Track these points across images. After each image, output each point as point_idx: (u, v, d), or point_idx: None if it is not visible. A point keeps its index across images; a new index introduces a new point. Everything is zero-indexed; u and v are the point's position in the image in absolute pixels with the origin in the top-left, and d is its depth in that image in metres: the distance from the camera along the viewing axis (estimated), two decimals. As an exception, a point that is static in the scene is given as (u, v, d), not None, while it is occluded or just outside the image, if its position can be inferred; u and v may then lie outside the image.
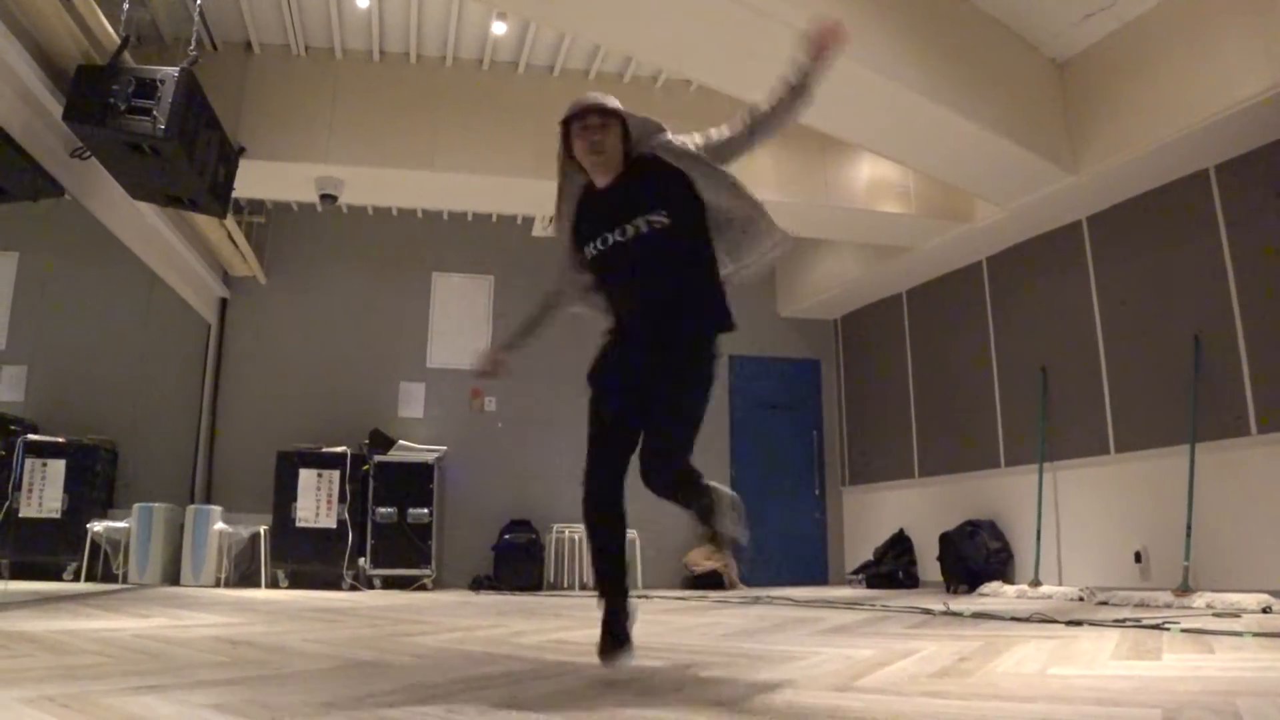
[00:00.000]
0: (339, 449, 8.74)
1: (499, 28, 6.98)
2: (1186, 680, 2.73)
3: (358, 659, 3.17)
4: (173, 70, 5.06)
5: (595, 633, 3.01)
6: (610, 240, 2.97)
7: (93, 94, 4.98)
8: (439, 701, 2.30)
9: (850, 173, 8.11)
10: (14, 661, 2.89)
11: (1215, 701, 2.28)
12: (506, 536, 9.17)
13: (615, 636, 2.91)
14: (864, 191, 8.11)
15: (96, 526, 8.12)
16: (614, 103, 3.06)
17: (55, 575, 7.99)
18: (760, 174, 7.81)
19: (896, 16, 5.87)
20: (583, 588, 9.20)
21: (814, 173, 7.97)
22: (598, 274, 3.11)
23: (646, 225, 2.92)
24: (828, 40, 2.89)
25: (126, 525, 8.21)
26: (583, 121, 3.00)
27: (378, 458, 8.90)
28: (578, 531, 9.33)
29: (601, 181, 3.06)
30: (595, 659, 2.97)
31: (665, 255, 2.95)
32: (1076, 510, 7.60)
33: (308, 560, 8.48)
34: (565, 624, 4.86)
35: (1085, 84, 6.85)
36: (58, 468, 8.27)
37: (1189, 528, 6.37)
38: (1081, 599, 6.67)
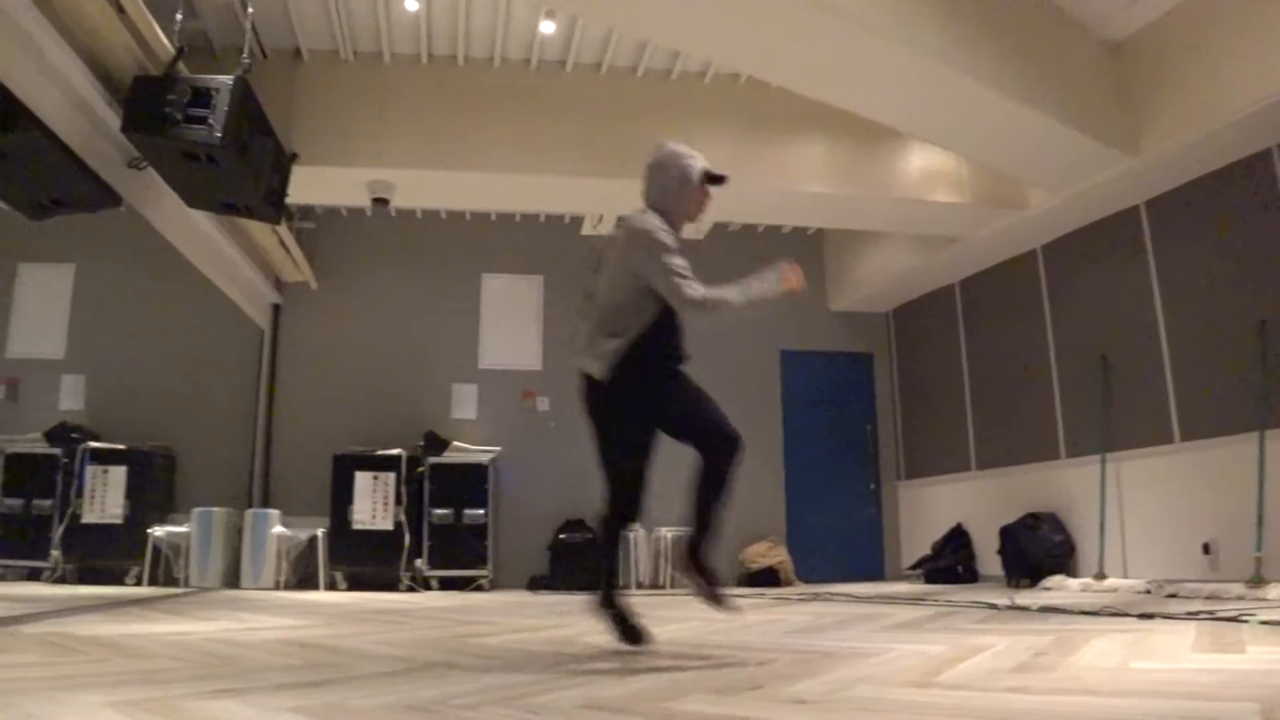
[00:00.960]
0: (394, 451, 8.81)
1: (547, 27, 6.98)
2: (1278, 674, 2.64)
3: (428, 661, 3.17)
4: (226, 79, 5.10)
5: (658, 631, 3.03)
6: None
7: (149, 104, 5.04)
8: (517, 703, 2.28)
9: (901, 163, 8.01)
10: (91, 665, 2.93)
11: (1317, 696, 2.21)
12: (562, 536, 9.18)
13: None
14: (916, 181, 8.00)
15: (157, 531, 8.27)
16: None
17: (118, 580, 8.15)
18: (811, 166, 7.75)
19: (946, 1, 5.77)
20: (639, 586, 9.19)
21: (865, 164, 7.88)
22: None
23: None
24: (793, 288, 3.32)
25: (186, 530, 8.35)
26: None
27: (432, 459, 8.95)
28: (633, 530, 9.32)
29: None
30: (667, 658, 2.98)
31: None
32: (1141, 501, 7.44)
33: (365, 562, 8.55)
34: (628, 623, 4.82)
35: (1140, 65, 6.69)
36: (119, 474, 8.44)
37: (1260, 517, 6.21)
38: (1149, 592, 6.53)
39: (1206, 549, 6.75)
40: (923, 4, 5.65)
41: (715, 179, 3.55)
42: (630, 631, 3.44)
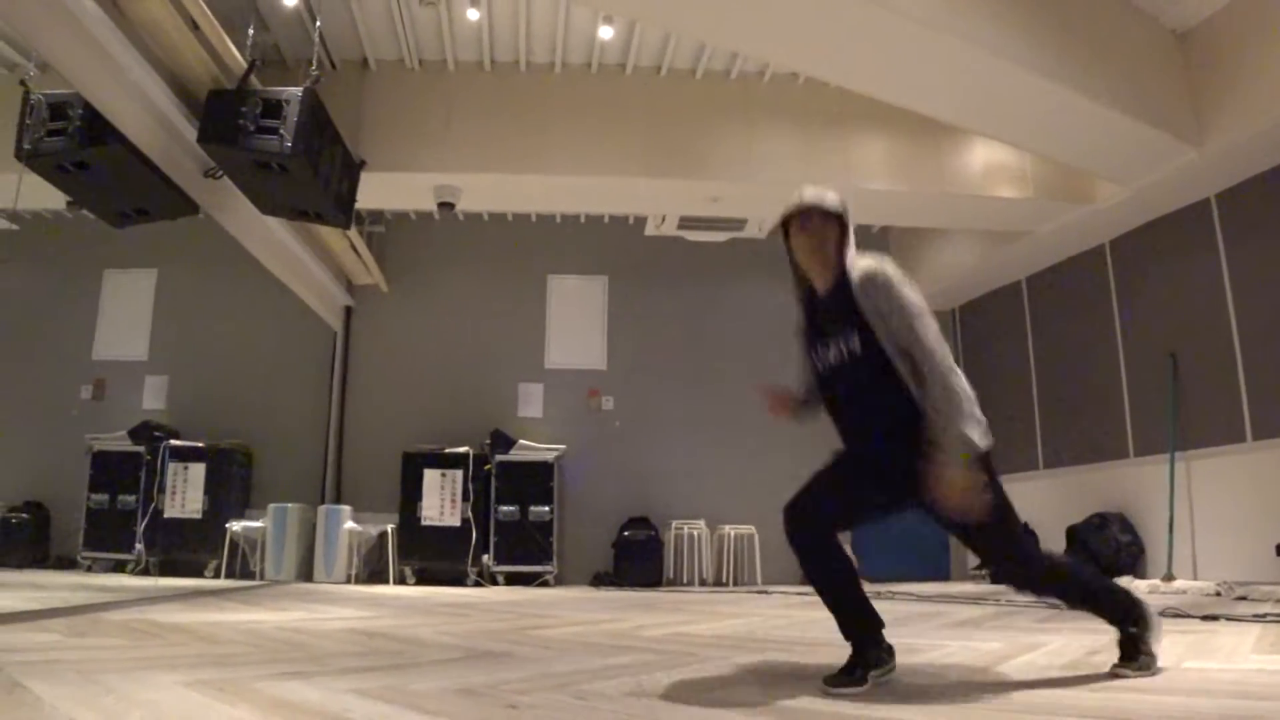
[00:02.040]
0: (461, 449, 9.00)
1: (605, 32, 7.08)
2: (1332, 675, 2.62)
3: (488, 650, 3.28)
4: (296, 90, 5.30)
5: (716, 626, 3.06)
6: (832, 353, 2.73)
7: (223, 116, 5.26)
8: (567, 689, 2.38)
9: (964, 158, 7.95)
10: (170, 649, 3.09)
11: (1367, 697, 2.20)
12: (626, 533, 9.28)
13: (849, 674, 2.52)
14: (979, 177, 7.93)
15: (235, 526, 8.55)
16: (833, 199, 2.80)
17: (197, 572, 8.46)
18: (873, 164, 7.74)
19: (1002, -6, 5.74)
20: (701, 583, 9.25)
21: (928, 161, 7.84)
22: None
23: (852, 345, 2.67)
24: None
25: (262, 525, 8.62)
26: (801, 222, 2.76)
27: (499, 457, 9.12)
28: (696, 528, 9.39)
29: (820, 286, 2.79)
30: (716, 651, 3.02)
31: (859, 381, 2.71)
32: (1211, 501, 7.28)
33: (433, 557, 8.76)
34: (687, 618, 4.91)
35: (1208, 54, 6.55)
36: (198, 471, 8.76)
37: (1337, 517, 6.06)
38: (1218, 594, 6.39)
39: (1279, 551, 6.59)
40: None
41: (785, 226, 2.81)
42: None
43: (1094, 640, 3.57)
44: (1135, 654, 2.66)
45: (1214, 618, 4.48)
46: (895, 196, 7.88)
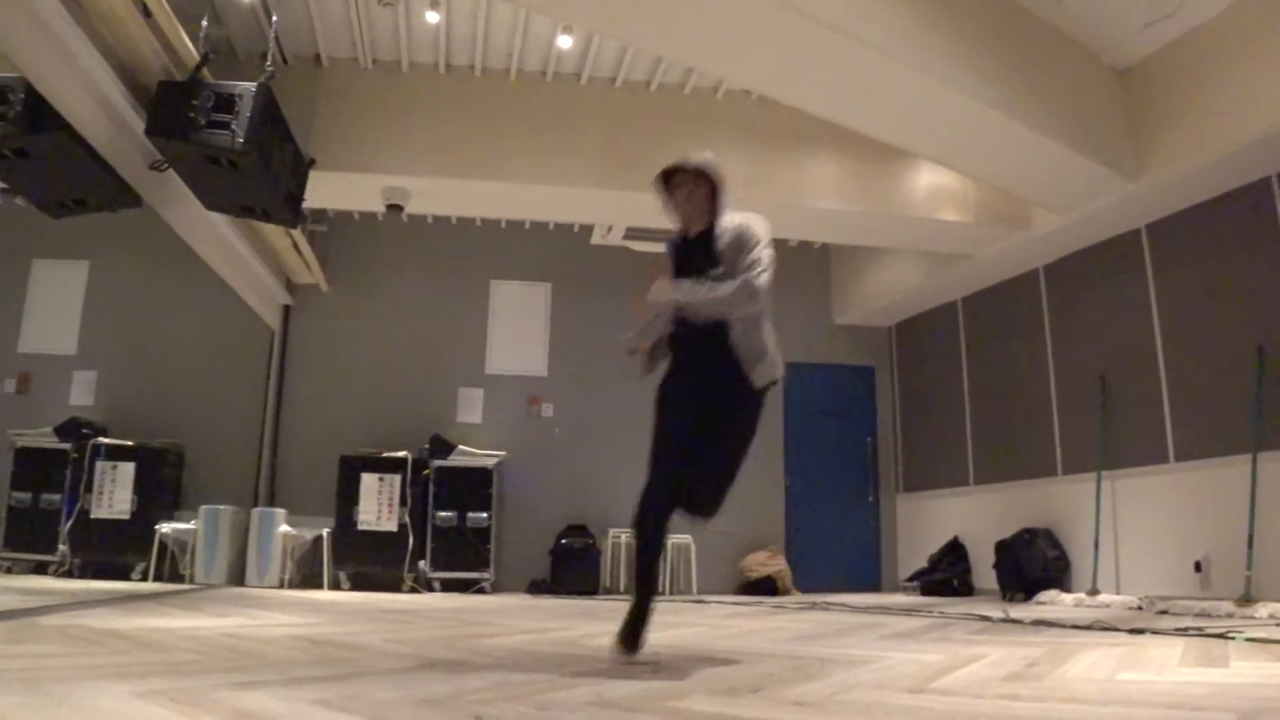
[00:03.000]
0: (400, 453, 8.91)
1: (564, 41, 7.09)
2: (1259, 687, 2.75)
3: (441, 659, 3.27)
4: (250, 85, 5.22)
5: (660, 635, 3.12)
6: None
7: (174, 109, 5.17)
8: (528, 699, 2.38)
9: (909, 181, 8.12)
10: (116, 657, 3.02)
11: (1292, 707, 2.31)
12: (563, 541, 9.28)
13: (636, 635, 3.32)
14: (923, 200, 8.11)
15: (164, 528, 8.36)
16: (704, 161, 3.51)
17: (124, 575, 8.24)
18: (822, 183, 7.86)
19: (958, 26, 5.89)
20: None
21: (873, 181, 7.99)
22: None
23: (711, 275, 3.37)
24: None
25: (193, 527, 8.43)
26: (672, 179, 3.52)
27: (438, 462, 9.05)
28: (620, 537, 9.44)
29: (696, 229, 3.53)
30: (667, 660, 3.13)
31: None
32: (1135, 519, 7.53)
33: (369, 563, 8.65)
34: (631, 627, 4.92)
35: (1147, 92, 6.80)
36: (127, 470, 8.53)
37: (1251, 537, 6.31)
38: (1140, 608, 6.62)
39: (1198, 567, 6.84)
40: (934, 29, 5.76)
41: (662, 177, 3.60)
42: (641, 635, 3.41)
43: (1030, 652, 3.67)
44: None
45: (1140, 631, 4.64)
46: (842, 216, 8.02)
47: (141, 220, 6.79)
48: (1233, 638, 4.24)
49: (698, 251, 3.43)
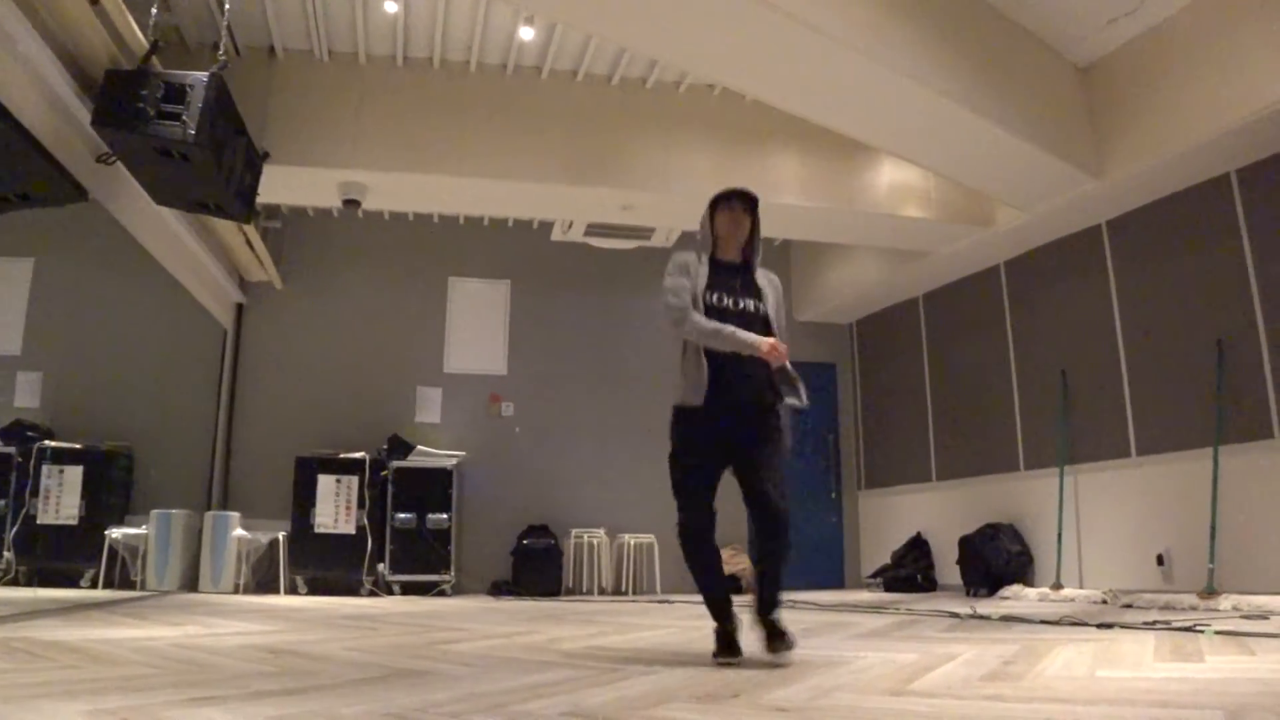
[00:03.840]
0: (357, 454, 8.73)
1: (526, 33, 6.96)
2: (1238, 682, 2.74)
3: (407, 668, 3.16)
4: (202, 75, 5.04)
5: (631, 638, 3.04)
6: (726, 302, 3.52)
7: (122, 99, 4.97)
8: (500, 710, 2.29)
9: (872, 177, 8.10)
10: (63, 673, 2.88)
11: (1275, 703, 2.30)
12: (525, 541, 9.16)
13: (733, 646, 3.47)
14: (885, 196, 8.09)
15: (114, 533, 8.11)
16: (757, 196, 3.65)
17: (73, 582, 7.97)
18: (785, 178, 7.82)
19: (922, 21, 5.87)
20: (601, 592, 9.20)
21: (836, 177, 7.96)
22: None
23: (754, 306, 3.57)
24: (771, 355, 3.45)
25: (144, 532, 8.20)
26: (730, 201, 3.60)
27: (396, 463, 8.89)
28: (596, 537, 9.33)
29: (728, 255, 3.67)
30: (640, 666, 3.12)
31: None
32: (1098, 513, 7.58)
33: (327, 566, 8.46)
34: (599, 630, 4.85)
35: (1109, 89, 6.84)
36: (75, 474, 8.26)
37: (1213, 530, 6.36)
38: (1105, 602, 6.67)
39: (1160, 560, 6.89)
40: (900, 24, 5.73)
41: (716, 201, 3.62)
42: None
43: (1004, 650, 3.65)
44: (784, 632, 3.39)
45: (1109, 626, 4.66)
46: (805, 211, 7.98)
47: (89, 216, 6.57)
48: (1201, 631, 4.27)
49: (737, 278, 3.59)
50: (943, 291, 9.70)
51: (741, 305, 3.51)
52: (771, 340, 3.45)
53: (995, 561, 8.02)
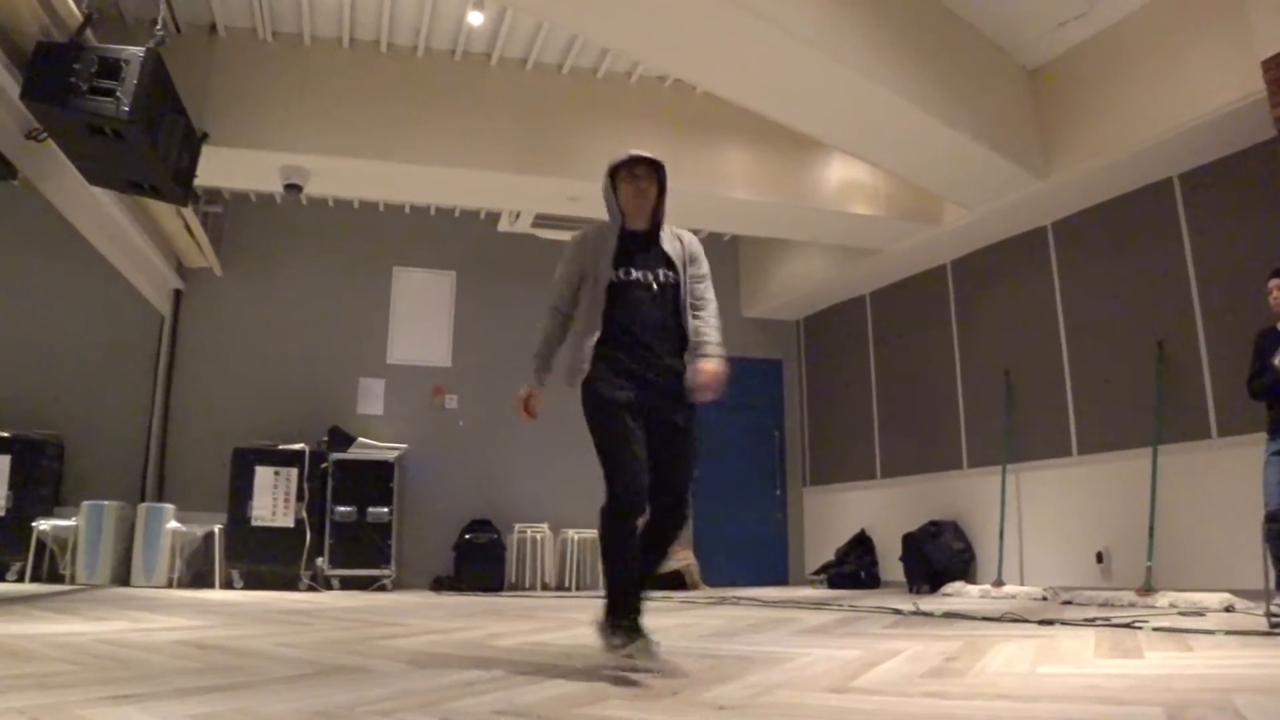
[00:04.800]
0: (297, 446, 8.54)
1: (475, 18, 6.83)
2: (1177, 678, 2.76)
3: (338, 664, 3.07)
4: (138, 50, 4.87)
5: (572, 634, 2.99)
6: (634, 275, 3.32)
7: (53, 72, 4.78)
8: (432, 709, 2.23)
9: (823, 174, 8.11)
10: (-25, 668, 2.76)
11: (1214, 699, 2.33)
12: (468, 536, 9.05)
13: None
14: (834, 193, 8.11)
15: (43, 525, 7.86)
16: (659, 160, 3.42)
17: (-1, 576, 7.74)
18: (735, 173, 7.79)
19: (874, 18, 5.87)
20: (544, 587, 9.12)
21: (788, 173, 7.96)
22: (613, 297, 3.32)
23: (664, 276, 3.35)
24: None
25: (74, 524, 7.95)
26: (632, 170, 3.36)
27: (336, 455, 8.72)
28: (540, 531, 9.25)
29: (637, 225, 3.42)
30: (579, 662, 3.05)
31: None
32: (1039, 511, 7.67)
33: (264, 560, 8.26)
34: (540, 625, 4.79)
35: (1057, 91, 6.92)
36: (2, 464, 8.00)
37: (1151, 528, 6.47)
38: (1045, 599, 6.74)
39: (1100, 558, 6.99)
40: (853, 21, 5.73)
41: (618, 166, 3.38)
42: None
43: (946, 646, 3.65)
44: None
45: (1050, 622, 4.70)
46: (754, 206, 7.96)
47: (18, 195, 6.34)
48: (1140, 627, 4.33)
49: (643, 247, 3.37)
50: (890, 290, 9.76)
51: (650, 278, 3.30)
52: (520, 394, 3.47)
53: (938, 558, 8.08)
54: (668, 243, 3.40)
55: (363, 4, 6.77)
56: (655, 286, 3.30)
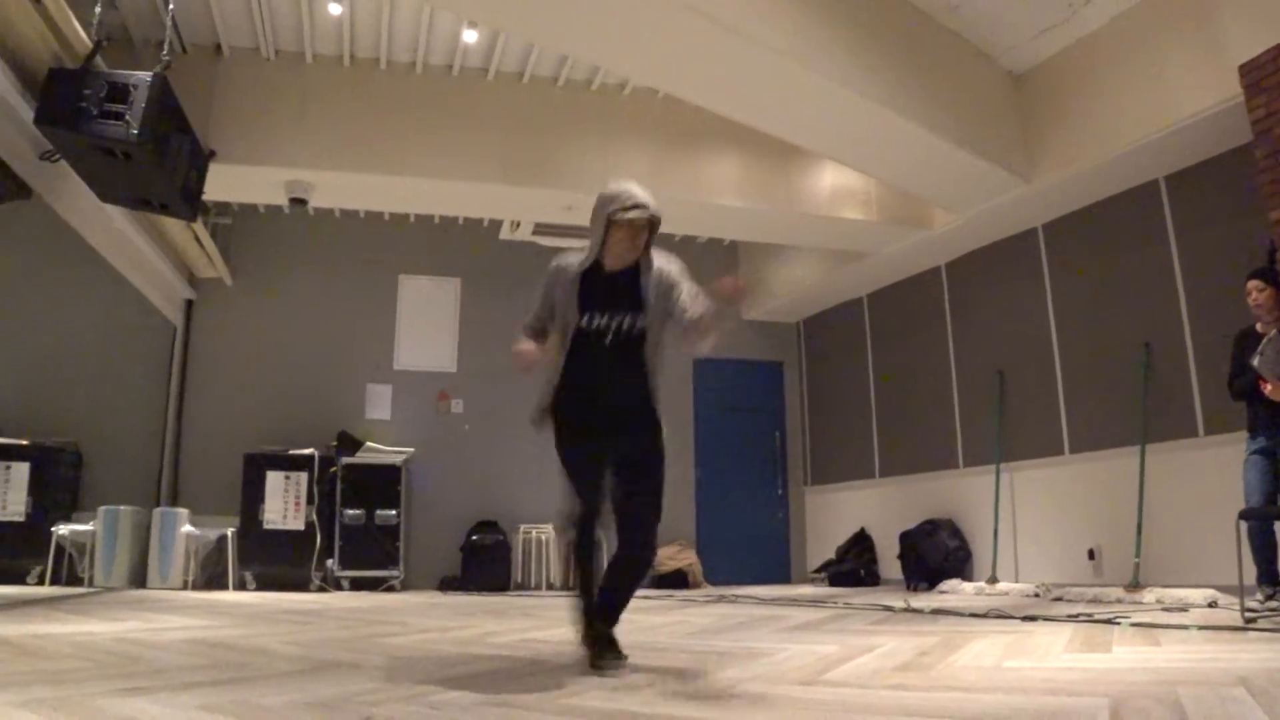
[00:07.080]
0: (306, 451, 8.75)
1: (470, 35, 7.02)
2: (1134, 671, 2.86)
3: (336, 660, 3.24)
4: (145, 75, 5.06)
5: (565, 632, 3.12)
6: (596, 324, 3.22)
7: (64, 97, 4.97)
8: (419, 700, 2.38)
9: (813, 180, 8.24)
10: (-4, 665, 2.93)
11: (1159, 691, 2.42)
12: (474, 537, 9.22)
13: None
14: (826, 199, 8.24)
15: (61, 530, 8.07)
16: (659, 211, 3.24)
17: (19, 579, 7.93)
18: (726, 181, 7.93)
19: (857, 30, 6.00)
20: (549, 588, 9.28)
21: (778, 180, 8.09)
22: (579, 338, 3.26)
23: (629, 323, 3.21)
24: (733, 295, 3.15)
25: (91, 528, 8.16)
26: (632, 221, 3.17)
27: (345, 460, 8.92)
28: (545, 532, 9.41)
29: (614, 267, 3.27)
30: (567, 658, 3.17)
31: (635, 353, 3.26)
32: (1032, 509, 7.79)
33: (275, 562, 8.47)
34: (536, 623, 4.94)
35: (1040, 96, 7.03)
36: (21, 470, 8.22)
37: (1139, 526, 6.58)
38: (1037, 595, 6.85)
39: (1091, 555, 7.10)
40: (833, 32, 5.86)
41: (618, 214, 3.16)
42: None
43: (923, 642, 3.78)
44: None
45: (1033, 618, 4.81)
46: (746, 213, 8.10)
47: (36, 211, 6.53)
48: (1119, 623, 4.42)
49: (613, 290, 3.23)
50: (886, 291, 9.88)
51: (613, 325, 3.18)
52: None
53: (934, 556, 8.20)
54: (648, 280, 3.24)
55: (362, 23, 6.95)
56: (619, 334, 3.19)
